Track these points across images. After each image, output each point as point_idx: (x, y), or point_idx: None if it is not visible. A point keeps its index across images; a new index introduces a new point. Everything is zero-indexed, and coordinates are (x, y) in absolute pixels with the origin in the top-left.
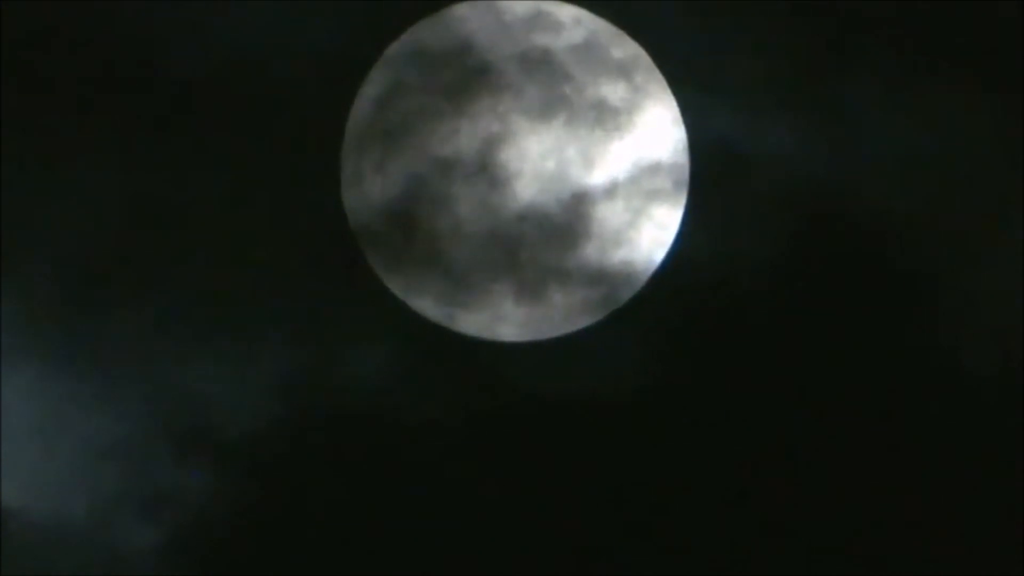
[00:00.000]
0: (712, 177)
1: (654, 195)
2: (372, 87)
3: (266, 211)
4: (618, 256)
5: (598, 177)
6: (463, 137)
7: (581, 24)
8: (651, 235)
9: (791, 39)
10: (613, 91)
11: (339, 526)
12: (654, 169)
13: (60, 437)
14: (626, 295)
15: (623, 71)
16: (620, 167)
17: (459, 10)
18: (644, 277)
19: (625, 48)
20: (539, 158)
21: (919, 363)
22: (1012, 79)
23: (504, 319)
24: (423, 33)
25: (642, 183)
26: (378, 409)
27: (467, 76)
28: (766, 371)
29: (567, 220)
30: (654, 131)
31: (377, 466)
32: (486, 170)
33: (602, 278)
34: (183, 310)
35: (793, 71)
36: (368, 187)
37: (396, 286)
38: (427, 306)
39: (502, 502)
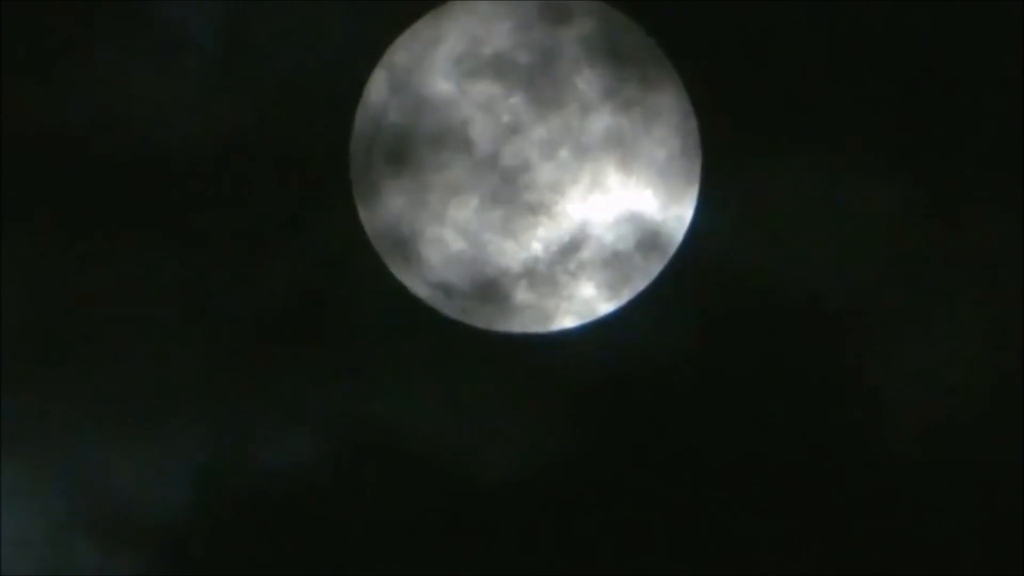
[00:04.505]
0: (632, 258)
1: (574, 274)
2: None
3: (184, 299)
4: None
5: (518, 255)
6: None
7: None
8: (573, 313)
9: (713, 119)
10: (545, 171)
11: None
12: (574, 248)
13: None
14: (541, 372)
15: (548, 150)
16: (540, 246)
17: (376, 93)
18: (563, 354)
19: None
20: (454, 236)
21: (843, 447)
22: (940, 165)
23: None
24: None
25: (564, 262)
26: (298, 493)
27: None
28: (686, 453)
29: (484, 296)
30: (577, 212)
31: (300, 548)
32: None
33: (518, 353)
34: (100, 399)
35: (716, 153)
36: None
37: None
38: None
39: None
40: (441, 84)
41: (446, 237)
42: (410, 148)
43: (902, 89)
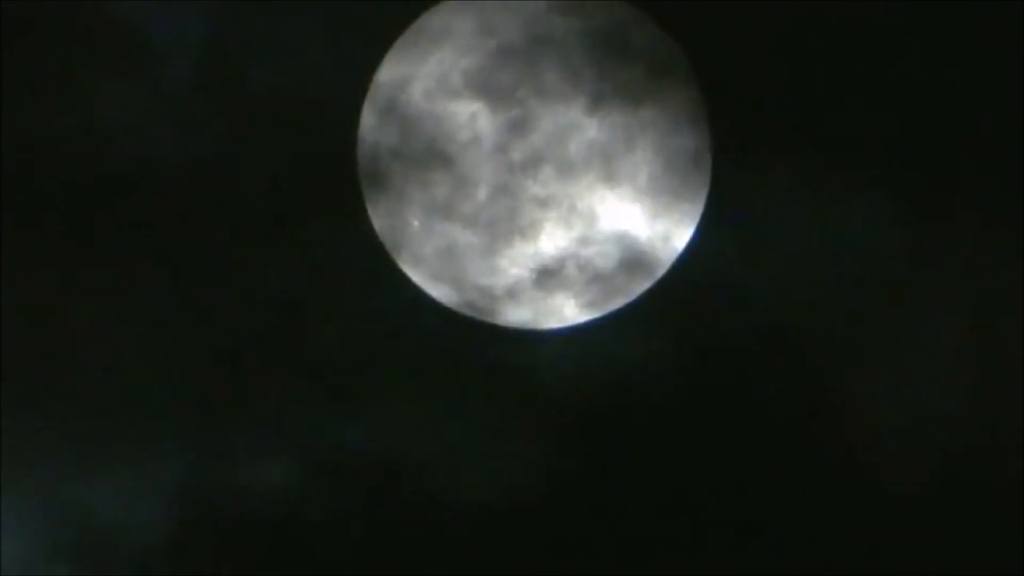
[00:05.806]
0: (614, 279)
1: (559, 294)
2: None
3: (155, 320)
4: (518, 353)
5: (502, 276)
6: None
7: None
8: (560, 323)
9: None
10: (540, 177)
11: None
12: (558, 268)
13: None
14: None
15: (529, 169)
16: (525, 265)
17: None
18: (546, 376)
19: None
20: (437, 256)
21: (825, 467)
22: (919, 182)
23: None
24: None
25: (548, 283)
26: (282, 514)
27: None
28: (664, 476)
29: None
30: (558, 234)
31: (280, 569)
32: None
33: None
34: (77, 423)
35: (721, 168)
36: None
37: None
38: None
39: None
40: (437, 90)
41: (428, 252)
42: (408, 153)
43: (903, 113)
